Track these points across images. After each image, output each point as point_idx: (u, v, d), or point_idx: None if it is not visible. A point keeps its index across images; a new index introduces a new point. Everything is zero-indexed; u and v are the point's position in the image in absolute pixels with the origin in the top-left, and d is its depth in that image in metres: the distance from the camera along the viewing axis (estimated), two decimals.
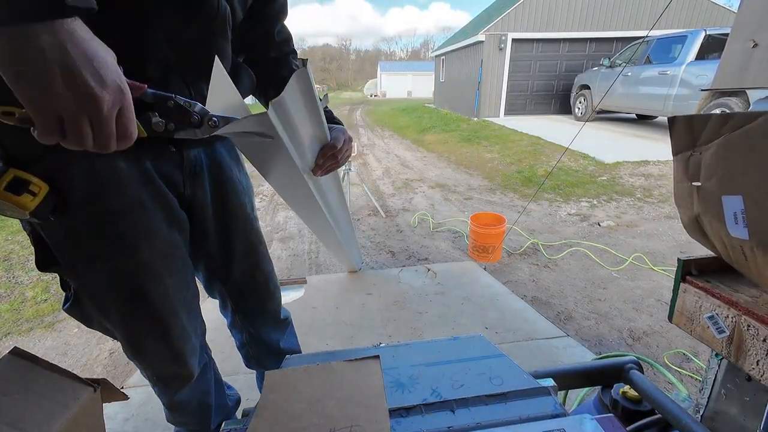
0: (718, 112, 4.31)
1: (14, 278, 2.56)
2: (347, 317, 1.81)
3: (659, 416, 0.67)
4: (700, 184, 0.52)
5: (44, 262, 0.64)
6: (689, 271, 0.60)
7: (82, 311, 0.71)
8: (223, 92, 0.60)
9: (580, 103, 8.16)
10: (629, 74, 6.72)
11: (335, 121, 0.91)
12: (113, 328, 0.72)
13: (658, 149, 5.26)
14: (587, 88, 7.91)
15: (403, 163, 6.00)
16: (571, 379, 0.73)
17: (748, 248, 0.48)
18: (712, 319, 0.55)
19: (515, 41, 9.20)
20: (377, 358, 0.54)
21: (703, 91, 5.14)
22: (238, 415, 1.09)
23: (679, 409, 0.60)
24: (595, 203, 3.69)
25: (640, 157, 4.90)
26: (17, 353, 0.54)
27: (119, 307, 0.68)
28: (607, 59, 7.28)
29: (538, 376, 0.62)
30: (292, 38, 0.90)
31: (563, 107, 9.85)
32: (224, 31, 0.65)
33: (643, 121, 7.94)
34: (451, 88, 12.48)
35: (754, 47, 1.35)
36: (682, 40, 5.92)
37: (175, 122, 0.54)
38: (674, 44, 6.12)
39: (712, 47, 5.69)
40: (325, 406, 0.47)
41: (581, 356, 1.49)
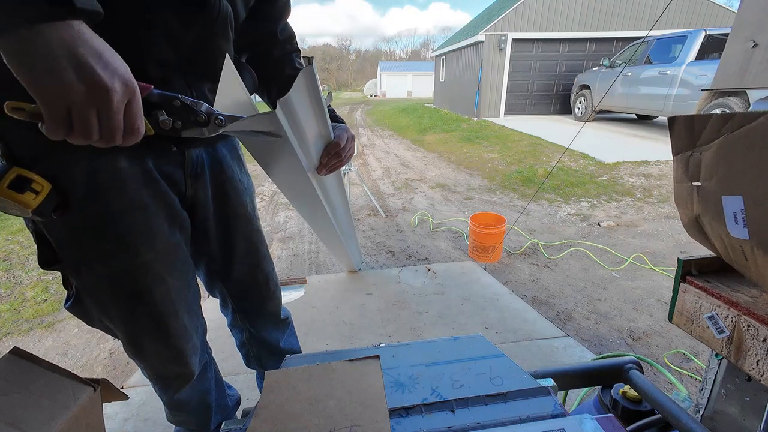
0: (718, 112, 4.31)
1: (14, 278, 2.56)
2: (347, 317, 1.81)
3: (659, 416, 0.67)
4: (700, 184, 0.52)
5: (47, 260, 0.64)
6: (689, 271, 0.60)
7: (83, 310, 0.71)
8: (231, 90, 0.60)
9: (580, 103, 8.16)
10: (629, 74, 6.72)
11: (338, 119, 0.91)
12: (114, 326, 0.72)
13: (658, 149, 5.26)
14: (587, 88, 7.91)
15: (403, 163, 6.00)
16: (571, 379, 0.73)
17: (748, 248, 0.48)
18: (712, 319, 0.55)
19: (515, 41, 9.20)
20: (377, 358, 0.54)
21: (703, 91, 5.14)
22: (238, 415, 1.09)
23: (679, 409, 0.60)
24: (595, 203, 3.69)
25: (640, 157, 4.90)
26: (17, 353, 0.54)
27: (120, 306, 0.69)
28: (607, 59, 7.28)
29: (538, 376, 0.62)
30: (295, 36, 0.90)
31: (563, 107, 9.85)
32: (226, 31, 0.65)
33: (643, 121, 7.94)
34: (451, 88, 12.48)
35: (754, 47, 1.36)
36: (682, 40, 5.92)
37: (182, 121, 0.54)
38: (674, 44, 6.12)
39: (712, 47, 5.70)
40: (325, 406, 0.47)
41: (581, 356, 1.49)
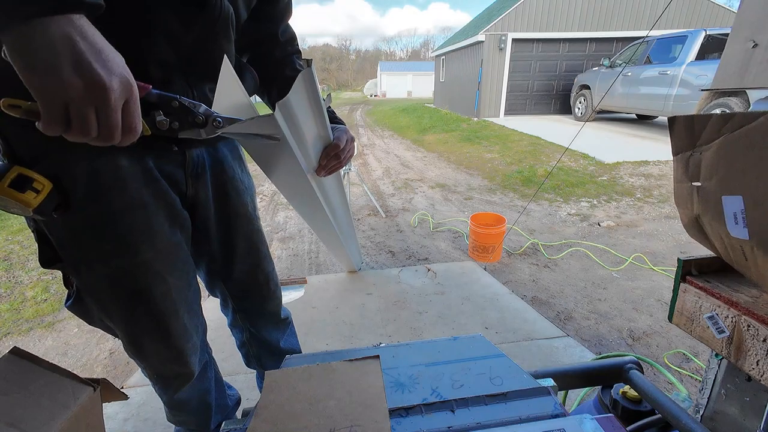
0: (718, 112, 4.31)
1: (14, 278, 2.56)
2: (347, 317, 1.81)
3: (659, 416, 0.67)
4: (700, 184, 0.52)
5: (47, 259, 0.64)
6: (689, 271, 0.60)
7: (84, 309, 0.71)
8: (230, 92, 0.60)
9: (580, 103, 8.16)
10: (629, 74, 6.72)
11: (337, 120, 0.92)
12: (114, 326, 0.72)
13: (658, 149, 5.26)
14: (587, 88, 7.91)
15: (403, 162, 6.00)
16: (571, 379, 0.73)
17: (748, 248, 0.48)
18: (712, 319, 0.55)
19: (515, 41, 9.20)
20: (377, 358, 0.54)
21: (703, 91, 5.14)
22: (238, 415, 1.09)
23: (679, 409, 0.60)
24: (595, 203, 3.69)
25: (640, 157, 4.90)
26: (17, 353, 0.54)
27: (121, 305, 0.69)
28: (607, 59, 7.28)
29: (538, 376, 0.62)
30: (296, 38, 0.90)
31: (563, 107, 9.85)
32: (227, 32, 0.65)
33: (643, 121, 7.94)
34: (451, 88, 12.48)
35: (754, 47, 1.36)
36: (682, 40, 5.92)
37: (179, 122, 0.55)
38: (674, 44, 6.12)
39: (712, 47, 5.70)
40: (325, 406, 0.47)
41: (581, 356, 1.49)
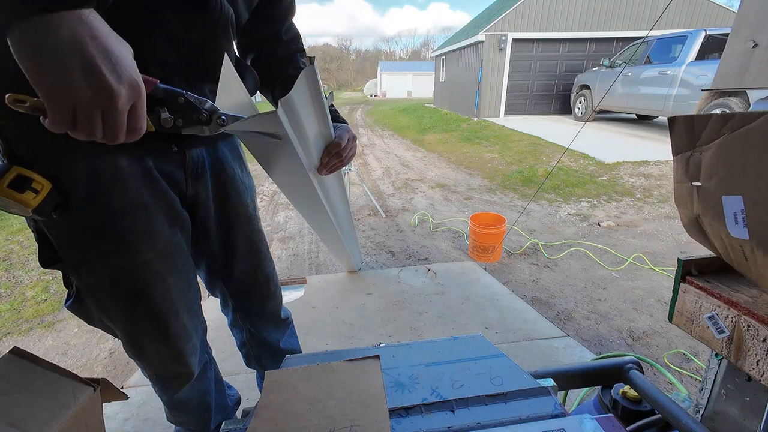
0: (718, 112, 4.31)
1: (14, 278, 2.56)
2: (347, 317, 1.81)
3: (659, 416, 0.67)
4: (700, 184, 0.52)
5: (47, 259, 0.64)
6: (689, 271, 0.60)
7: (84, 309, 0.71)
8: (231, 91, 0.60)
9: (580, 103, 8.16)
10: (629, 74, 6.72)
11: (339, 119, 0.91)
12: (114, 326, 0.72)
13: (658, 149, 5.26)
14: (587, 88, 7.91)
15: (403, 162, 6.00)
16: (571, 379, 0.73)
17: (748, 248, 0.48)
18: (712, 319, 0.55)
19: (515, 41, 9.20)
20: (377, 358, 0.54)
21: (703, 91, 5.14)
22: (238, 415, 1.09)
23: (678, 409, 0.60)
24: (595, 203, 3.69)
25: (640, 157, 4.90)
26: (17, 353, 0.54)
27: (120, 305, 0.69)
28: (607, 59, 7.28)
29: (538, 376, 0.62)
30: (300, 36, 0.90)
31: (563, 107, 9.85)
32: (227, 33, 0.65)
33: (643, 121, 7.94)
34: (451, 88, 12.48)
35: (754, 47, 1.36)
36: (682, 40, 5.92)
37: (183, 119, 0.55)
38: (674, 44, 6.12)
39: (712, 47, 5.70)
40: (325, 406, 0.47)
41: (581, 356, 1.49)
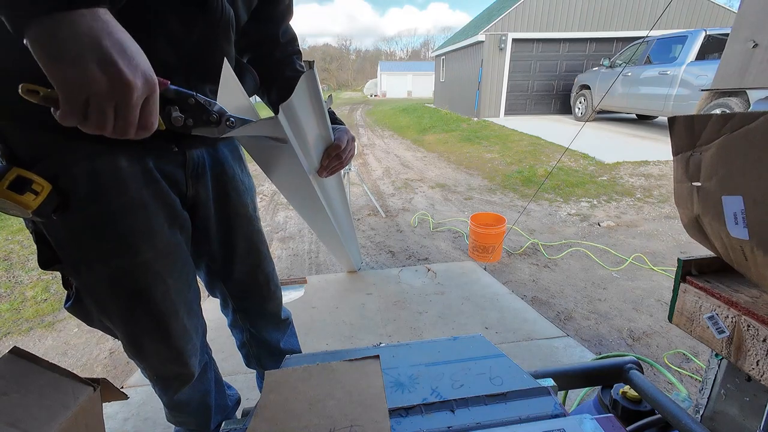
0: (718, 112, 4.31)
1: (14, 278, 2.56)
2: (347, 317, 1.81)
3: (659, 416, 0.67)
4: (700, 184, 0.52)
5: (46, 260, 0.64)
6: (689, 271, 0.60)
7: (83, 310, 0.71)
8: (231, 94, 0.60)
9: (580, 103, 8.16)
10: (629, 74, 6.72)
11: (338, 121, 0.92)
12: (114, 327, 0.72)
13: (658, 149, 5.26)
14: (587, 88, 7.91)
15: (403, 162, 6.00)
16: (571, 379, 0.73)
17: (748, 248, 0.48)
18: (712, 319, 0.55)
19: (515, 41, 9.20)
20: (377, 358, 0.54)
21: (703, 91, 5.14)
22: (238, 415, 1.09)
23: (678, 409, 0.60)
24: (595, 203, 3.69)
25: (640, 157, 4.90)
26: (17, 353, 0.54)
27: (120, 306, 0.69)
28: (607, 59, 7.28)
29: (538, 376, 0.62)
30: (297, 39, 0.90)
31: (563, 107, 9.85)
32: (227, 34, 0.65)
33: (643, 121, 7.94)
34: (451, 88, 12.48)
35: (754, 47, 1.36)
36: (682, 40, 5.92)
37: (194, 119, 0.55)
38: (674, 44, 6.12)
39: (712, 47, 5.70)
40: (325, 406, 0.47)
41: (581, 356, 1.49)
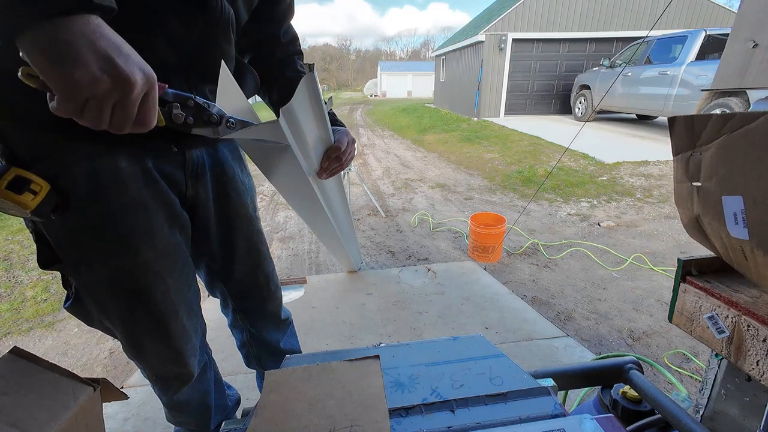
0: (718, 112, 4.31)
1: (14, 278, 2.56)
2: (347, 317, 1.81)
3: (659, 416, 0.67)
4: (700, 184, 0.52)
5: (46, 259, 0.64)
6: (689, 271, 0.60)
7: (83, 310, 0.71)
8: (230, 96, 0.60)
9: (580, 103, 8.16)
10: (629, 74, 6.72)
11: (337, 122, 0.92)
12: (114, 327, 0.72)
13: (658, 149, 5.26)
14: (587, 88, 7.91)
15: (403, 162, 6.00)
16: (571, 379, 0.73)
17: (748, 248, 0.48)
18: (712, 319, 0.55)
19: (515, 41, 9.20)
20: (377, 357, 0.54)
21: (703, 91, 5.14)
22: (238, 415, 1.09)
23: (678, 409, 0.60)
24: (595, 203, 3.69)
25: (640, 157, 4.90)
26: (17, 353, 0.54)
27: (120, 306, 0.69)
28: (607, 59, 7.28)
29: (538, 376, 0.62)
30: (298, 39, 0.90)
31: (563, 107, 9.85)
32: (227, 34, 0.65)
33: (643, 121, 7.94)
34: (451, 88, 12.47)
35: (754, 47, 1.36)
36: (682, 40, 5.92)
37: (194, 117, 0.55)
38: (674, 44, 6.12)
39: (712, 47, 5.70)
40: (325, 406, 0.47)
41: (581, 356, 1.49)
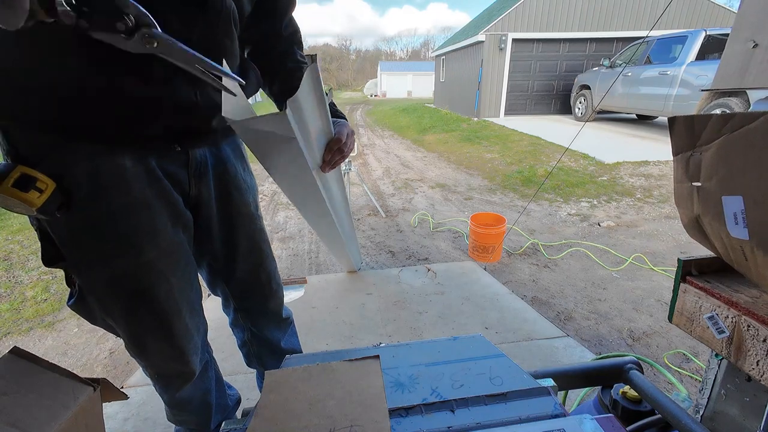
0: (718, 112, 4.31)
1: (14, 278, 2.56)
2: (347, 317, 1.81)
3: (659, 416, 0.67)
4: (700, 184, 0.52)
5: (50, 257, 0.64)
6: (689, 271, 0.60)
7: (86, 308, 0.71)
8: (232, 98, 0.59)
9: (580, 103, 8.16)
10: (629, 74, 6.72)
11: (338, 114, 0.91)
12: (117, 325, 0.72)
13: (658, 149, 5.26)
14: (587, 88, 7.91)
15: (403, 162, 6.00)
16: (571, 379, 0.73)
17: (748, 248, 0.48)
18: (712, 319, 0.55)
19: (515, 41, 9.20)
20: (377, 358, 0.54)
21: (703, 91, 5.14)
22: (238, 414, 1.09)
23: (678, 409, 0.60)
24: (595, 203, 3.68)
25: (640, 157, 4.90)
26: (17, 353, 0.54)
27: (123, 305, 0.69)
28: (607, 59, 7.28)
29: (538, 376, 0.62)
30: (299, 31, 0.89)
31: (563, 107, 9.85)
32: (229, 30, 0.65)
33: (643, 121, 7.94)
34: (451, 88, 12.47)
35: (754, 47, 1.35)
36: (682, 40, 5.92)
37: (89, 17, 0.43)
38: (674, 44, 6.12)
39: (712, 47, 5.70)
40: (325, 406, 0.47)
41: (581, 356, 1.49)
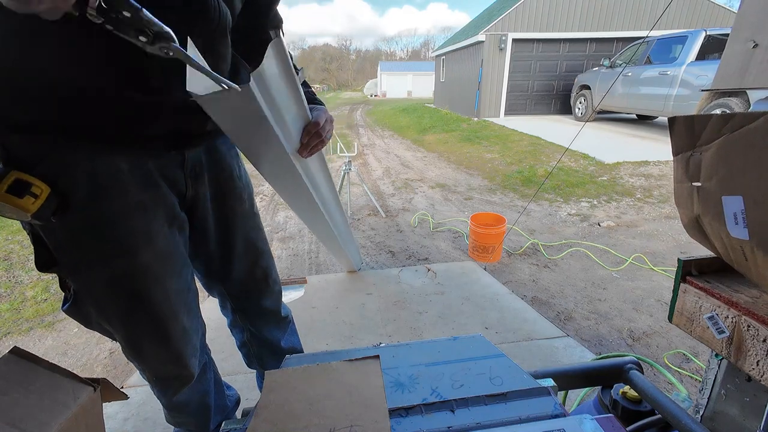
0: (718, 112, 4.31)
1: (14, 278, 2.56)
2: (347, 317, 1.81)
3: (659, 416, 0.67)
4: (700, 184, 0.52)
5: (44, 261, 0.63)
6: (689, 271, 0.60)
7: (81, 312, 0.70)
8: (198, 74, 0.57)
9: (580, 103, 8.16)
10: (629, 74, 6.72)
11: (317, 101, 0.91)
12: (113, 329, 0.72)
13: (658, 149, 5.26)
14: (587, 88, 7.91)
15: (403, 162, 6.00)
16: (571, 379, 0.73)
17: (748, 248, 0.48)
18: (712, 319, 0.55)
19: (515, 41, 9.20)
20: (377, 358, 0.54)
21: (703, 91, 5.14)
22: (237, 415, 1.09)
23: (678, 409, 0.60)
24: (595, 203, 3.68)
25: (640, 157, 4.90)
26: (17, 353, 0.54)
27: (119, 308, 0.68)
28: (607, 59, 7.28)
29: (538, 376, 0.62)
30: (282, 22, 0.89)
31: (563, 107, 9.85)
32: (224, 38, 0.65)
33: (643, 121, 7.94)
34: (451, 88, 12.47)
35: (754, 47, 1.35)
36: (682, 40, 5.92)
37: (116, 22, 0.42)
38: (674, 44, 6.12)
39: (712, 47, 5.70)
40: (325, 406, 0.47)
41: (581, 356, 1.49)
